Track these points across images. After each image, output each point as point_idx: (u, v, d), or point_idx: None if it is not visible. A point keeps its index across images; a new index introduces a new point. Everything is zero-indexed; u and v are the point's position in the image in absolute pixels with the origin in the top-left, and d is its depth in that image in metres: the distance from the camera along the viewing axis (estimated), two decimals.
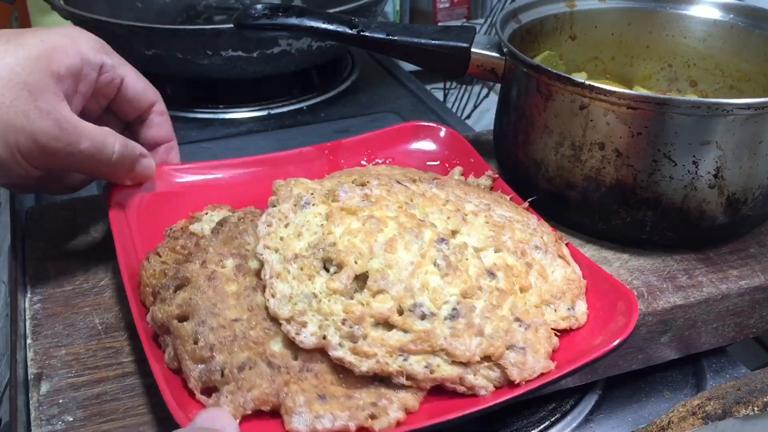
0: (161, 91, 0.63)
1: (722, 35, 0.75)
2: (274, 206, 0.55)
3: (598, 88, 0.58)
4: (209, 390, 0.47)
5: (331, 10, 0.90)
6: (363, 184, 0.57)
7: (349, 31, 0.70)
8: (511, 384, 0.48)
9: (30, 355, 0.52)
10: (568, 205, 0.64)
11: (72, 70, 0.54)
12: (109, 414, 0.48)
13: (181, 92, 1.08)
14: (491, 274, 0.52)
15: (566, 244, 0.58)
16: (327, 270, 0.50)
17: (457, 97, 1.39)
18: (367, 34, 0.70)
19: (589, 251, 0.63)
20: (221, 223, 0.57)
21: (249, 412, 0.46)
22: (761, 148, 0.59)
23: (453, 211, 0.55)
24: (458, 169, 0.69)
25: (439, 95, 1.35)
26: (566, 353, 0.50)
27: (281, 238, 0.52)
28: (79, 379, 0.50)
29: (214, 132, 0.99)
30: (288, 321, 0.48)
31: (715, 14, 0.75)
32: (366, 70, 1.20)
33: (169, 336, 0.50)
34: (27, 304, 0.57)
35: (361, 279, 0.50)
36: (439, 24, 1.53)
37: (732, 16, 0.74)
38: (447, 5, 1.56)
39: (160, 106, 0.63)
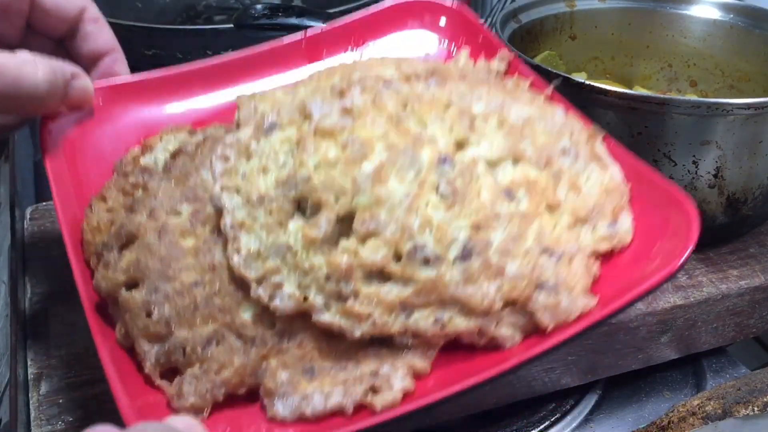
0: None
1: (722, 35, 0.69)
2: (238, 126, 0.43)
3: (598, 87, 0.54)
4: (170, 373, 0.37)
5: (331, 10, 0.90)
6: (342, 93, 0.44)
7: None
8: (543, 330, 0.38)
9: (30, 355, 0.49)
10: None
11: None
12: (108, 414, 0.44)
13: None
14: (510, 194, 0.40)
15: (603, 139, 0.46)
16: (302, 212, 0.39)
17: None
18: None
19: None
20: (175, 154, 0.44)
21: (220, 398, 0.36)
22: (761, 147, 0.54)
23: (457, 117, 0.42)
24: (464, 52, 0.55)
25: None
26: (610, 284, 0.40)
27: (243, 175, 0.40)
28: (79, 379, 0.47)
29: None
30: (258, 282, 0.37)
31: (715, 14, 0.69)
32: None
33: (117, 307, 0.39)
34: (27, 304, 0.53)
35: (346, 221, 0.38)
36: None
37: (732, 15, 0.68)
38: None
39: (92, 11, 0.50)
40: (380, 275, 0.37)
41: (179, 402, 0.36)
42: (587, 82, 0.55)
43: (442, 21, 0.56)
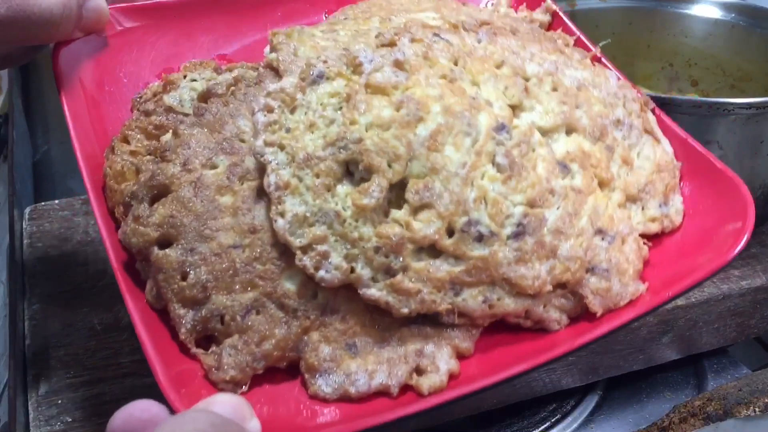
0: None
1: (723, 34, 0.70)
2: (273, 68, 0.40)
3: None
4: (207, 340, 0.35)
5: None
6: (392, 44, 0.41)
7: None
8: (589, 313, 0.37)
9: (29, 355, 0.49)
10: None
11: None
12: (108, 414, 0.44)
13: None
14: (564, 167, 0.38)
15: (653, 110, 0.44)
16: (351, 176, 0.36)
17: None
18: None
19: None
20: (204, 96, 0.41)
21: (260, 371, 0.35)
22: (762, 147, 0.55)
23: (511, 77, 0.40)
24: None
25: None
26: (659, 270, 0.38)
27: (287, 130, 0.38)
28: (78, 380, 0.48)
29: None
30: (304, 251, 0.35)
31: (717, 13, 0.70)
32: None
33: (149, 265, 0.36)
34: (26, 305, 0.53)
35: (398, 189, 0.36)
36: None
37: (733, 15, 0.70)
38: None
39: None
40: (431, 250, 0.35)
41: (218, 374, 0.34)
42: None
43: None
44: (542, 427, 0.57)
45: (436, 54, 0.39)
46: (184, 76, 0.43)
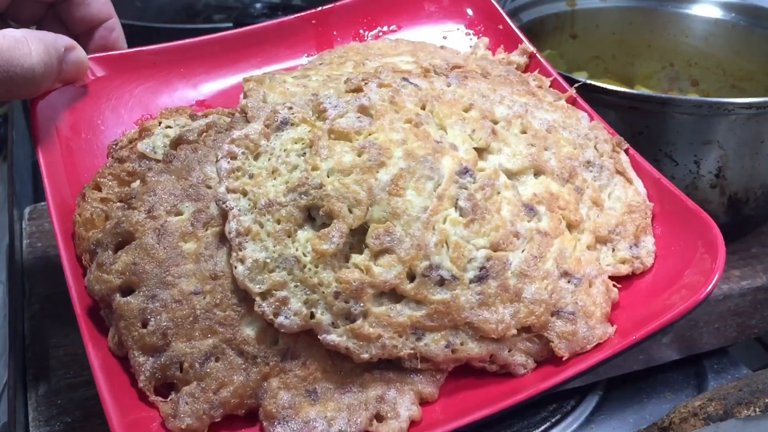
0: None
1: (724, 34, 0.70)
2: (244, 114, 0.40)
3: (600, 87, 0.54)
4: (168, 387, 0.36)
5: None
6: (358, 90, 0.40)
7: None
8: (556, 356, 0.36)
9: (28, 355, 0.49)
10: None
11: None
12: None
13: None
14: (531, 210, 0.39)
15: (626, 151, 0.45)
16: (313, 221, 0.36)
17: None
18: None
19: None
20: (175, 143, 0.41)
21: (218, 419, 0.34)
22: (763, 147, 0.55)
23: (479, 121, 0.40)
24: (483, 42, 0.52)
25: None
26: (629, 312, 0.39)
27: (250, 176, 0.38)
28: (78, 380, 0.48)
29: None
30: (263, 297, 0.35)
31: (717, 13, 0.70)
32: None
33: (111, 312, 0.36)
34: (26, 305, 0.54)
35: (359, 233, 0.36)
36: None
37: (734, 15, 0.70)
38: None
39: None
40: (392, 295, 0.35)
41: (174, 423, 0.34)
42: (589, 81, 0.56)
43: (462, 5, 0.52)
44: (543, 427, 0.57)
45: (404, 98, 0.40)
46: (159, 123, 0.44)
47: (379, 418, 0.34)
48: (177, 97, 0.46)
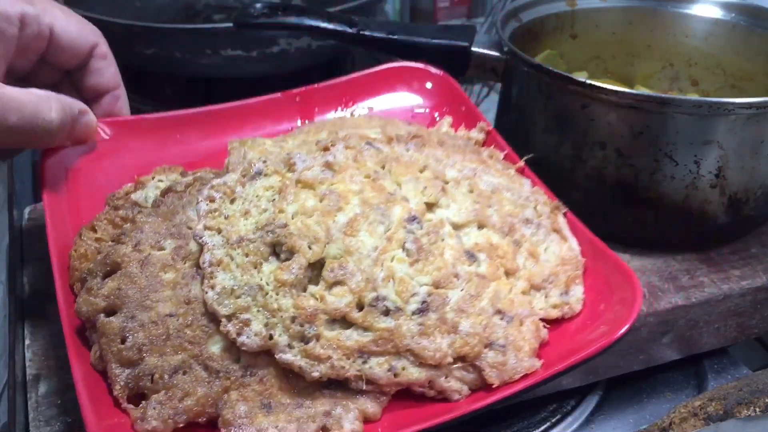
0: (161, 91, 0.62)
1: (724, 34, 0.71)
2: (227, 171, 0.46)
3: (600, 87, 0.55)
4: (137, 397, 0.41)
5: (331, 9, 0.89)
6: (326, 149, 0.47)
7: (349, 30, 0.67)
8: (489, 386, 0.42)
9: (28, 355, 0.51)
10: (568, 204, 0.63)
11: None
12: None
13: (180, 92, 1.07)
14: (471, 256, 0.45)
15: (564, 214, 0.51)
16: (277, 256, 0.43)
17: None
18: (366, 33, 0.67)
19: None
20: (165, 192, 0.48)
21: (181, 425, 0.39)
22: (763, 147, 0.56)
23: (431, 180, 0.47)
24: (447, 120, 0.60)
25: None
26: (557, 348, 0.44)
27: (225, 217, 0.44)
28: None
29: None
30: (228, 318, 0.41)
31: (717, 13, 0.71)
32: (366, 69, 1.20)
33: (95, 331, 0.42)
34: (26, 305, 0.55)
35: (317, 268, 0.42)
36: (440, 23, 1.53)
37: (734, 15, 0.71)
38: (447, 4, 1.56)
39: (102, 48, 0.54)
40: (342, 321, 0.41)
41: (142, 425, 0.39)
42: (589, 82, 0.57)
43: (429, 87, 0.61)
44: (543, 427, 0.57)
45: (365, 158, 0.47)
46: (153, 177, 0.51)
47: (324, 429, 0.39)
48: (171, 158, 0.54)
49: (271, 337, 0.40)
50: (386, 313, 0.41)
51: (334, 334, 0.41)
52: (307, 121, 0.59)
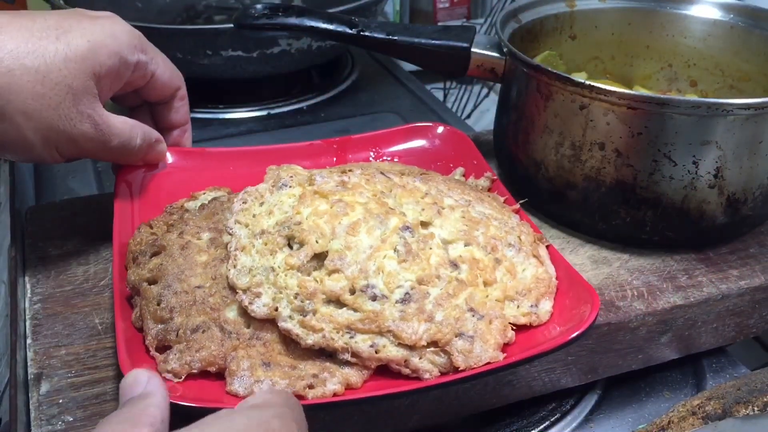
0: None
1: (722, 35, 0.77)
2: None
3: (598, 88, 0.60)
4: (164, 348, 0.49)
5: (331, 10, 0.90)
6: (344, 172, 0.59)
7: (349, 31, 0.72)
8: (457, 371, 0.49)
9: (30, 355, 0.54)
10: (568, 204, 0.66)
11: (111, 71, 0.56)
12: (108, 414, 0.48)
13: None
14: (454, 265, 0.53)
15: (547, 246, 0.59)
16: (291, 247, 0.52)
17: (457, 97, 1.40)
18: (367, 33, 0.71)
19: (589, 251, 0.66)
20: (211, 200, 0.61)
21: (195, 371, 0.48)
22: (761, 148, 0.61)
23: (430, 204, 0.57)
24: (460, 170, 0.71)
25: (439, 95, 1.36)
26: (520, 347, 0.51)
27: (253, 215, 0.55)
28: (79, 379, 0.51)
29: (215, 132, 1.00)
30: (244, 291, 0.50)
31: (716, 14, 0.77)
32: (366, 69, 1.22)
33: (139, 297, 0.52)
34: (27, 304, 0.59)
35: (321, 258, 0.51)
36: (439, 24, 1.53)
37: (732, 16, 0.76)
38: (447, 5, 1.57)
39: (183, 91, 0.66)
40: (337, 302, 0.50)
41: (163, 366, 0.48)
42: (588, 83, 0.62)
43: (447, 142, 0.73)
44: (541, 426, 0.58)
45: (376, 182, 0.58)
46: (204, 193, 0.64)
47: (311, 387, 0.47)
48: (222, 182, 0.66)
49: (276, 309, 0.49)
50: (374, 298, 0.49)
51: (329, 310, 0.49)
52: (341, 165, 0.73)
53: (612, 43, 0.81)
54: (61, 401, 0.49)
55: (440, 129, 0.74)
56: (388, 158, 0.73)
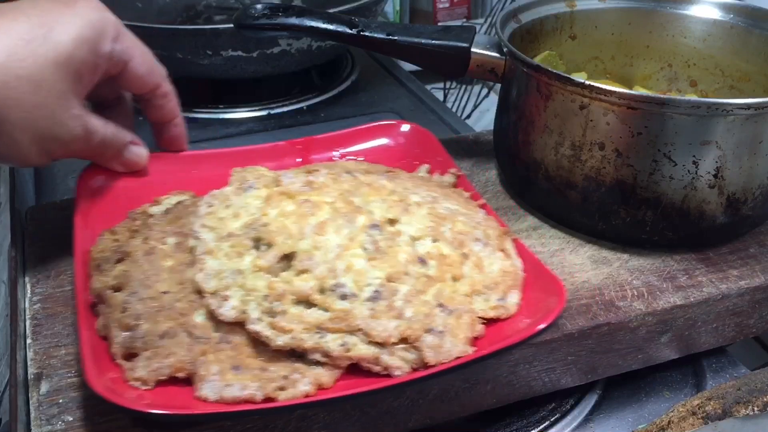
0: None
1: (722, 35, 0.77)
2: None
3: (598, 87, 0.59)
4: (131, 356, 0.49)
5: (331, 10, 0.90)
6: (310, 172, 0.59)
7: (349, 31, 0.71)
8: (428, 367, 0.49)
9: (30, 354, 0.54)
10: (568, 204, 0.66)
11: (91, 66, 0.54)
12: (108, 414, 0.49)
13: (181, 92, 1.08)
14: (422, 261, 0.53)
15: (513, 240, 0.60)
16: (258, 249, 0.52)
17: (457, 97, 1.40)
18: (367, 33, 0.71)
19: (589, 251, 0.66)
20: (175, 204, 0.60)
21: (164, 377, 0.47)
22: (761, 148, 0.60)
23: (396, 201, 0.57)
24: (425, 167, 0.71)
25: (439, 95, 1.36)
26: (489, 340, 0.51)
27: (220, 219, 0.54)
28: (80, 379, 0.51)
29: (215, 132, 1.00)
30: (212, 294, 0.50)
31: (716, 14, 0.77)
32: (366, 70, 1.22)
33: (104, 305, 0.52)
34: (27, 304, 0.59)
35: (290, 259, 0.51)
36: (439, 24, 1.53)
37: (732, 15, 0.76)
38: (447, 5, 1.57)
39: (165, 88, 0.64)
40: (307, 302, 0.49)
41: (131, 374, 0.47)
42: (588, 82, 0.61)
43: (411, 139, 0.73)
44: (541, 426, 0.59)
45: (342, 181, 0.58)
46: (167, 197, 0.63)
47: (282, 389, 0.47)
48: (187, 185, 0.65)
49: (245, 311, 0.49)
50: (343, 297, 0.49)
51: (298, 311, 0.49)
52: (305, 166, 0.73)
53: (612, 43, 0.81)
54: (61, 401, 0.49)
55: (404, 127, 0.74)
56: (354, 158, 0.73)
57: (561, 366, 0.58)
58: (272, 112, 1.06)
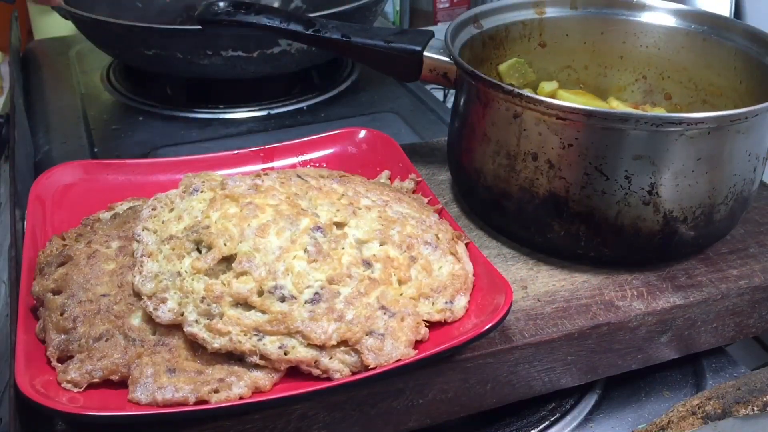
0: (161, 91, 0.62)
1: (695, 47, 0.73)
2: None
3: (528, 96, 0.58)
4: (67, 359, 0.49)
5: (331, 11, 0.90)
6: (258, 175, 0.59)
7: (305, 32, 0.70)
8: (368, 369, 0.49)
9: None
10: (505, 215, 0.64)
11: None
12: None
13: (181, 92, 1.09)
14: (367, 264, 0.53)
15: (466, 244, 0.60)
16: (200, 252, 0.52)
17: None
18: (322, 34, 0.69)
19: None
20: (126, 210, 0.61)
21: (96, 380, 0.48)
22: (699, 166, 0.58)
23: (345, 205, 0.57)
24: (385, 173, 0.71)
25: (439, 95, 1.35)
26: (435, 343, 0.51)
27: (162, 222, 0.54)
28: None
29: (214, 132, 1.00)
30: (149, 297, 0.50)
31: (688, 25, 0.73)
32: (366, 69, 1.21)
33: (43, 308, 0.52)
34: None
35: (230, 261, 0.51)
36: (438, 24, 1.53)
37: (705, 27, 0.72)
38: (447, 5, 1.57)
39: None
40: (245, 305, 0.49)
41: (63, 376, 0.47)
42: (517, 90, 0.59)
43: (372, 146, 0.73)
44: (541, 426, 0.59)
45: (291, 185, 0.58)
46: (121, 203, 0.63)
47: (216, 391, 0.46)
48: (143, 193, 0.65)
49: (182, 314, 0.49)
50: (282, 299, 0.49)
51: (236, 313, 0.49)
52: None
53: (585, 52, 0.78)
54: None
55: (365, 133, 0.74)
56: (316, 165, 0.72)
57: (561, 366, 0.58)
58: (272, 112, 1.06)
